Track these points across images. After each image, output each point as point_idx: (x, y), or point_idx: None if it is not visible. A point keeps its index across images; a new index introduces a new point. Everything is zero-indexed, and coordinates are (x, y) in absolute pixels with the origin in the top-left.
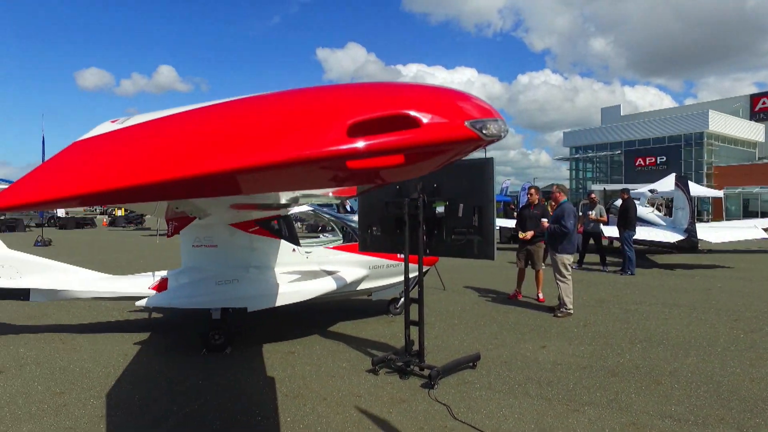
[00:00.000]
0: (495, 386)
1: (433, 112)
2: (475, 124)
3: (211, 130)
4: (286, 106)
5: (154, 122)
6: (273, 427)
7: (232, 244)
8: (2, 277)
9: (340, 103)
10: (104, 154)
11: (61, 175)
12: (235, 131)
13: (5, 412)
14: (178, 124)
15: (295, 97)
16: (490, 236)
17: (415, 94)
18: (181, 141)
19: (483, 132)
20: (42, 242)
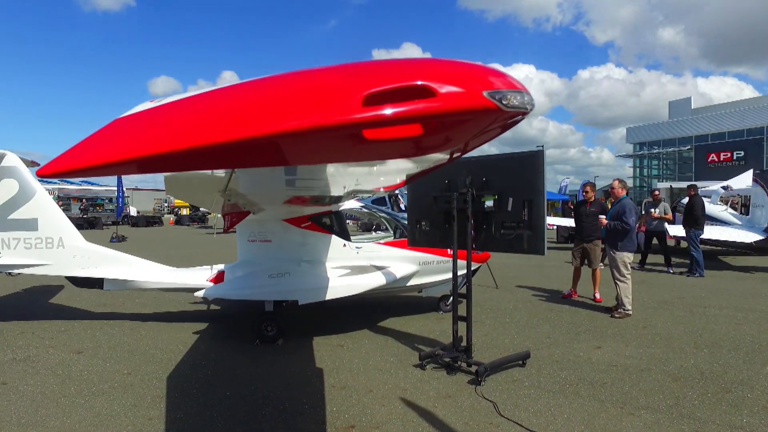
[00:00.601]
0: (544, 385)
1: (450, 82)
2: (494, 95)
3: (238, 102)
4: (308, 80)
5: (189, 98)
6: (318, 416)
7: (285, 239)
8: (80, 268)
9: (358, 75)
10: (145, 125)
11: (107, 145)
12: (261, 103)
13: (82, 388)
14: (210, 99)
15: (316, 73)
16: (540, 230)
17: (433, 66)
18: (212, 112)
19: (503, 102)
20: (117, 238)
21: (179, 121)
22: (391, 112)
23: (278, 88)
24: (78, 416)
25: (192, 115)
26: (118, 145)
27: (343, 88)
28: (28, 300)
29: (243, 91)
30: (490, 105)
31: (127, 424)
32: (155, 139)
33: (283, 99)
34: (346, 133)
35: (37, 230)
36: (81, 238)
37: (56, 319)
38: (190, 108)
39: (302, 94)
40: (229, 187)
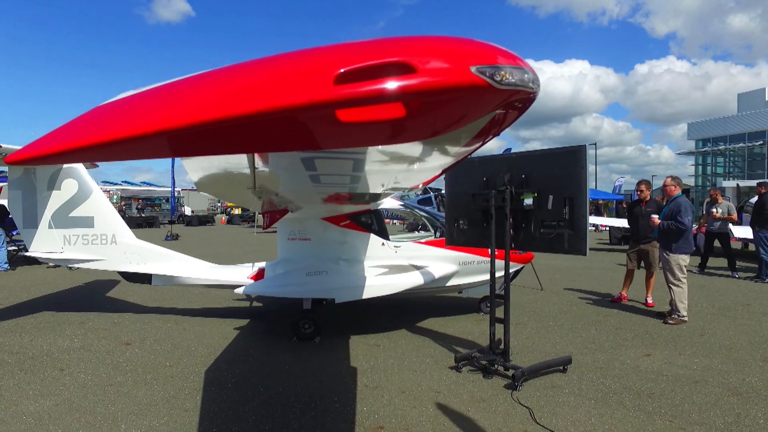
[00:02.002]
0: (586, 393)
1: (433, 57)
2: (485, 70)
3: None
4: (283, 62)
5: (168, 84)
6: (348, 415)
7: (324, 238)
8: (131, 263)
9: (331, 54)
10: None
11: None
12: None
13: (128, 377)
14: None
15: (292, 55)
16: (582, 230)
17: (414, 41)
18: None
19: (495, 79)
20: (171, 237)
21: (152, 106)
22: (365, 90)
23: (252, 72)
24: (121, 404)
25: (166, 100)
26: (100, 127)
27: (315, 68)
28: (86, 293)
29: (219, 75)
30: (479, 81)
31: (164, 414)
32: (129, 123)
33: (254, 82)
34: (318, 115)
35: (94, 227)
36: (132, 235)
37: (110, 311)
38: (166, 93)
39: (275, 76)
40: (257, 184)
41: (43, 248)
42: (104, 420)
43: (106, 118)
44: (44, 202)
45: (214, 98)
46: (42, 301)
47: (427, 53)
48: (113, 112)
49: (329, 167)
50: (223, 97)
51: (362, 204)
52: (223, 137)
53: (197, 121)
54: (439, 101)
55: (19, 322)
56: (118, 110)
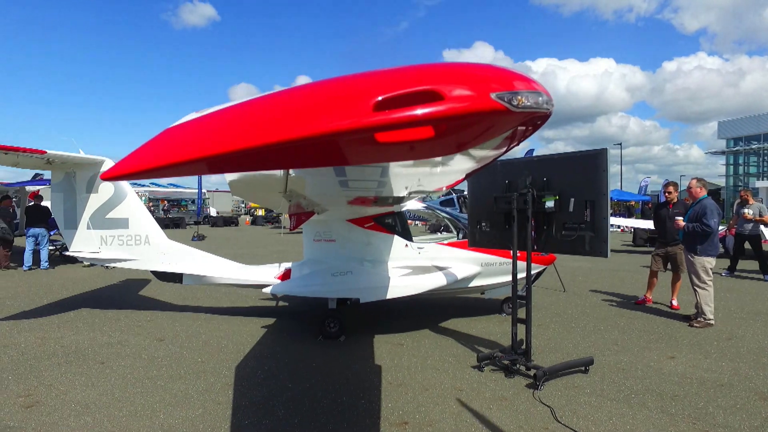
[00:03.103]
0: (607, 393)
1: (457, 85)
2: (503, 96)
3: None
4: (326, 89)
5: (225, 109)
6: (373, 411)
7: (349, 239)
8: (163, 263)
9: (369, 82)
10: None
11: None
12: (285, 112)
13: (163, 372)
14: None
15: (335, 82)
16: (603, 232)
17: (441, 69)
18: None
19: (512, 104)
20: (198, 237)
21: (217, 130)
22: (400, 116)
23: (298, 99)
24: (159, 396)
25: (227, 124)
26: (170, 150)
27: (356, 96)
28: (120, 292)
29: (270, 101)
30: (498, 107)
31: (198, 407)
32: (199, 145)
33: (302, 108)
34: (360, 138)
35: (128, 228)
36: (164, 236)
37: (143, 309)
38: (226, 118)
39: (321, 103)
40: (288, 188)
41: (81, 248)
42: (144, 411)
43: (179, 140)
44: (83, 205)
45: (270, 124)
46: (80, 299)
47: (452, 81)
48: (184, 136)
49: (358, 173)
50: (278, 124)
51: (386, 206)
52: (275, 157)
53: (260, 144)
54: (464, 124)
55: (62, 317)
56: (187, 134)
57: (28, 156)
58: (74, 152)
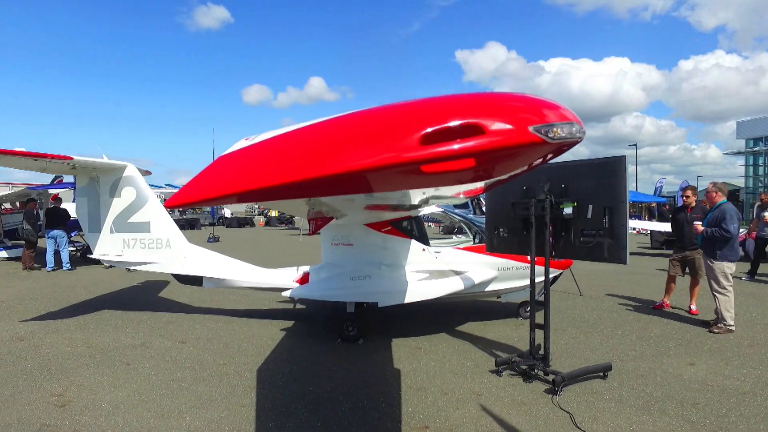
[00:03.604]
0: (626, 400)
1: (497, 118)
2: (540, 129)
3: (312, 143)
4: (374, 121)
5: (273, 139)
6: (394, 415)
7: (367, 243)
8: (184, 266)
9: (416, 115)
10: (243, 163)
11: (215, 181)
12: (331, 144)
13: (186, 374)
14: (290, 140)
15: (382, 113)
16: (622, 239)
17: (482, 102)
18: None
19: (549, 136)
20: (213, 238)
21: (266, 161)
22: (446, 150)
23: (347, 131)
24: (184, 398)
25: (276, 156)
26: (225, 180)
27: (404, 129)
28: (140, 293)
29: (319, 132)
30: (536, 139)
31: (222, 410)
32: (251, 176)
33: (352, 141)
34: (407, 170)
35: (150, 232)
36: (185, 239)
37: (164, 311)
38: (275, 149)
39: (369, 135)
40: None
41: (105, 251)
42: (170, 412)
43: (234, 170)
44: (106, 209)
45: (323, 157)
46: (102, 300)
47: (492, 115)
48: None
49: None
50: (329, 157)
51: (404, 211)
52: (327, 188)
53: (315, 177)
54: (503, 155)
55: (86, 318)
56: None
57: (56, 162)
58: (98, 157)
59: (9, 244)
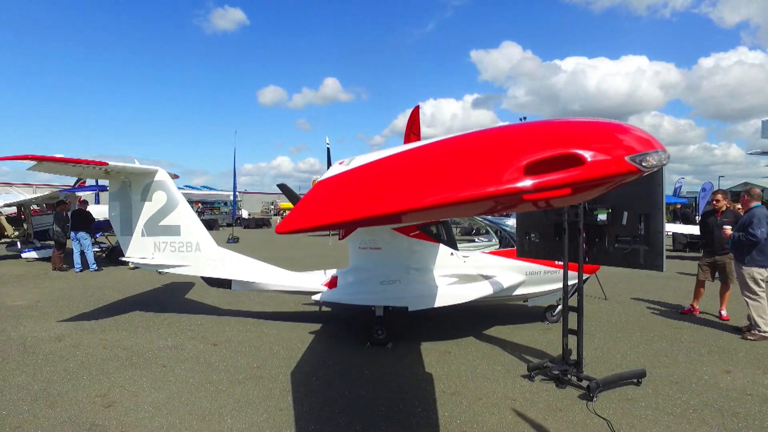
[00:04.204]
0: (663, 407)
1: (597, 150)
2: (636, 158)
3: (415, 172)
4: (477, 149)
5: (373, 166)
6: (431, 419)
7: (395, 247)
8: (213, 269)
9: (519, 145)
10: (348, 190)
11: (323, 208)
12: (435, 173)
13: (222, 376)
14: (390, 167)
15: (482, 141)
16: (658, 246)
17: (581, 133)
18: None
19: (642, 165)
20: (232, 239)
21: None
22: (548, 180)
23: (449, 158)
24: (222, 401)
25: (381, 185)
26: (333, 207)
27: (508, 159)
28: (167, 295)
29: (419, 159)
30: (632, 169)
31: (261, 413)
32: (358, 205)
33: (455, 169)
34: (509, 198)
35: (180, 235)
36: (214, 243)
37: (191, 313)
38: (378, 177)
39: (472, 163)
40: None
41: (136, 254)
42: (211, 414)
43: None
44: (137, 212)
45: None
46: (131, 302)
47: (590, 146)
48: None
49: None
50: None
51: None
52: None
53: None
54: (599, 184)
55: (118, 320)
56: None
57: (92, 167)
58: (129, 162)
59: (38, 245)
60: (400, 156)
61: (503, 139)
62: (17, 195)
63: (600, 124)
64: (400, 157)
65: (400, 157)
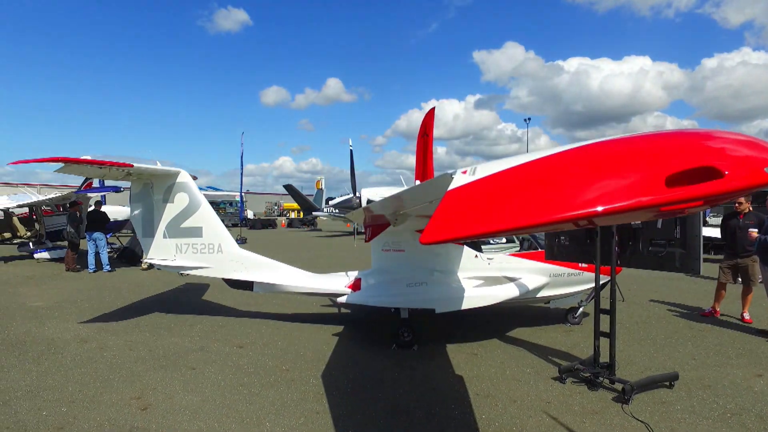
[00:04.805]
0: (700, 411)
1: (736, 163)
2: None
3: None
4: (614, 159)
5: (504, 175)
6: (469, 423)
7: (419, 249)
8: (235, 271)
9: (659, 156)
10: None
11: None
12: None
13: (253, 379)
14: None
15: (619, 150)
16: (695, 249)
17: (720, 145)
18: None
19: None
20: (240, 240)
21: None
22: (687, 192)
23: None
24: (258, 404)
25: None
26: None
27: (650, 171)
28: (186, 296)
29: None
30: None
31: (299, 416)
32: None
33: (594, 180)
34: (648, 211)
35: (202, 237)
36: (236, 244)
37: (211, 314)
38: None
39: (612, 174)
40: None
41: (158, 256)
42: (248, 418)
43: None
44: (159, 214)
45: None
46: (149, 303)
47: (728, 158)
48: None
49: None
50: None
51: None
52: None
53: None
54: (733, 195)
55: (139, 321)
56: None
57: (117, 169)
58: (151, 164)
59: (50, 246)
60: (534, 165)
61: (642, 150)
62: (29, 196)
63: (737, 136)
64: (535, 166)
65: (535, 166)
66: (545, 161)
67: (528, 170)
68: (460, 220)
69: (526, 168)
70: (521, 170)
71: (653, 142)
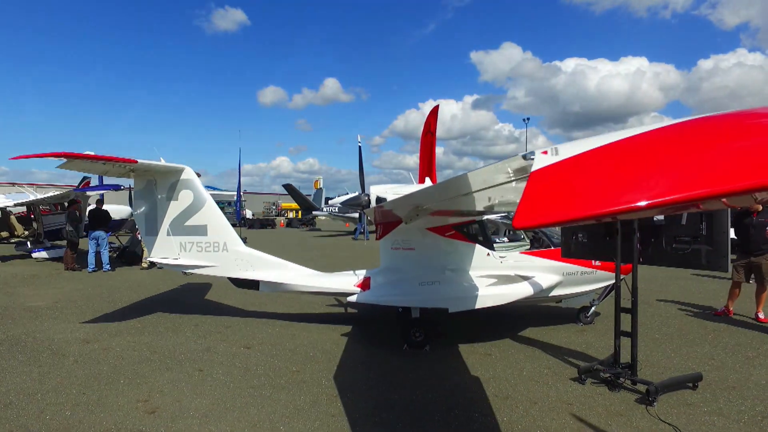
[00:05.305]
0: (728, 414)
1: None
2: None
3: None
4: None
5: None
6: (491, 425)
7: (429, 248)
8: (241, 270)
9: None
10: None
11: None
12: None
13: (263, 381)
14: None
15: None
16: (723, 246)
17: None
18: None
19: None
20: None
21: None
22: None
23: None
24: (270, 407)
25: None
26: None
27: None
28: (187, 296)
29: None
30: None
31: (314, 419)
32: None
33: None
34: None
35: (207, 235)
36: (241, 243)
37: (215, 314)
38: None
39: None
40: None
41: (161, 254)
42: (261, 421)
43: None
44: (163, 212)
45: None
46: (151, 303)
47: None
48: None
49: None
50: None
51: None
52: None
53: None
54: None
55: (142, 321)
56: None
57: (120, 165)
58: (155, 160)
59: (48, 245)
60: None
61: (752, 127)
62: (28, 195)
63: None
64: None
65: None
66: (648, 137)
67: (631, 146)
68: (558, 203)
69: (627, 144)
70: (623, 146)
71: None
